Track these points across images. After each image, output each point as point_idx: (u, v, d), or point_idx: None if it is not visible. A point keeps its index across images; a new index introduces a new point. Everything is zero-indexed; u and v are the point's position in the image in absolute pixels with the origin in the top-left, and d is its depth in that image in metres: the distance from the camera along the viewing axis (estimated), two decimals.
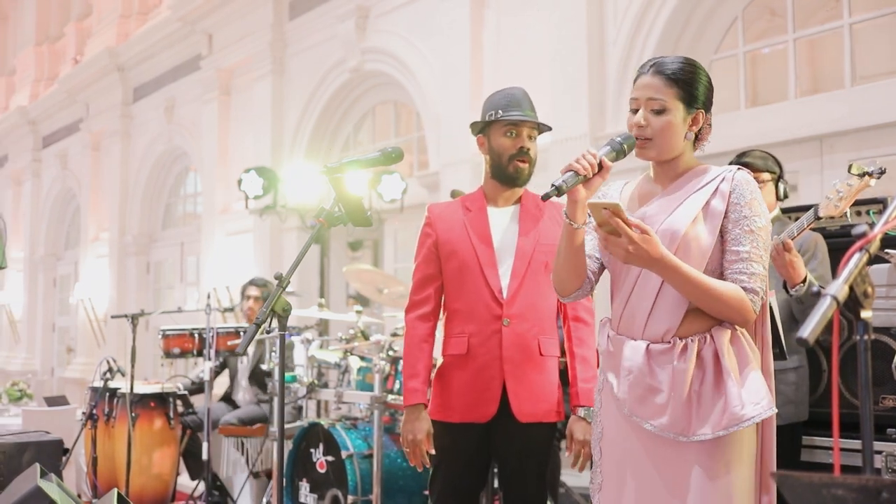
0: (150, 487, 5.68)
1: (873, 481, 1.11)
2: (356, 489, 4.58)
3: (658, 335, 2.27)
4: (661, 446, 2.26)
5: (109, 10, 13.32)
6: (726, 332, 2.24)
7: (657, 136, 2.29)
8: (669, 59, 2.35)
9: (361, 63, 8.54)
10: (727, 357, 2.21)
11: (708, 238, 2.25)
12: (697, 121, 2.33)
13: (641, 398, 2.28)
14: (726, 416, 2.17)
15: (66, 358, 14.61)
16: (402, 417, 3.24)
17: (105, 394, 5.75)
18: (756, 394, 2.20)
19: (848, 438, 3.21)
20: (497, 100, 3.31)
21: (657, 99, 2.28)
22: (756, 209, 2.24)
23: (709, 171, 2.34)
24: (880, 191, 3.46)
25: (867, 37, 5.44)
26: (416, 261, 3.30)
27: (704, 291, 2.20)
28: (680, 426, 2.21)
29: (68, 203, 15.45)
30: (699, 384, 2.22)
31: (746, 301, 2.22)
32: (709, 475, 2.19)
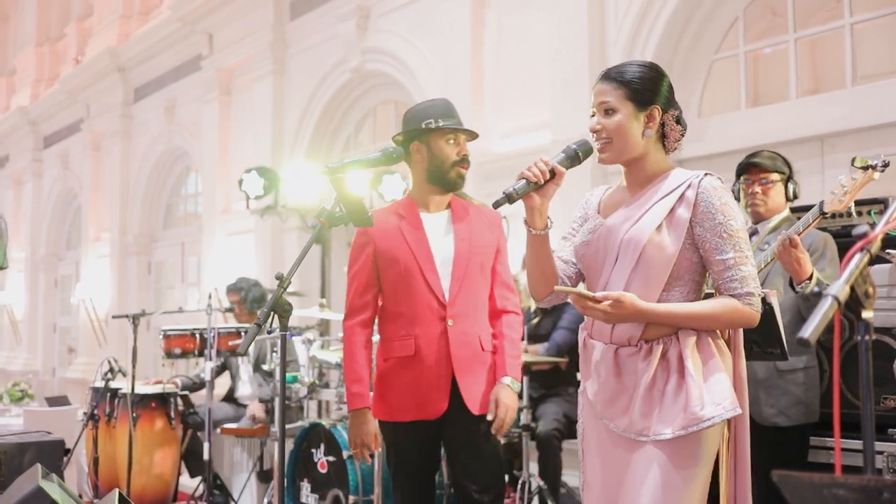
0: (151, 488, 5.68)
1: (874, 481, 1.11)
2: (357, 489, 4.58)
3: (624, 339, 2.32)
4: (624, 445, 2.30)
5: (110, 11, 13.32)
6: (693, 334, 2.27)
7: (612, 137, 2.33)
8: (621, 65, 2.40)
9: (362, 63, 8.54)
10: (690, 358, 2.24)
11: (672, 246, 2.27)
12: (653, 117, 2.34)
13: (610, 400, 2.33)
14: (686, 416, 2.20)
15: (68, 358, 14.61)
16: (349, 421, 3.33)
17: (106, 394, 5.75)
18: (718, 394, 2.22)
19: (849, 439, 3.21)
20: (429, 109, 3.37)
21: (606, 101, 2.33)
22: (729, 213, 2.26)
23: (674, 174, 2.36)
24: (881, 190, 3.47)
25: (868, 37, 5.43)
26: (351, 269, 3.37)
27: (697, 319, 2.26)
28: (640, 426, 2.26)
29: (69, 203, 15.45)
30: (663, 384, 2.26)
31: (743, 309, 2.26)
32: (664, 474, 2.21)
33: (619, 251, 2.32)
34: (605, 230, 2.37)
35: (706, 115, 6.07)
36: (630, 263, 2.29)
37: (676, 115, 2.40)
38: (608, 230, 2.36)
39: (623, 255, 2.31)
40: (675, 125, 2.39)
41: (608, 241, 2.36)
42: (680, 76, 6.08)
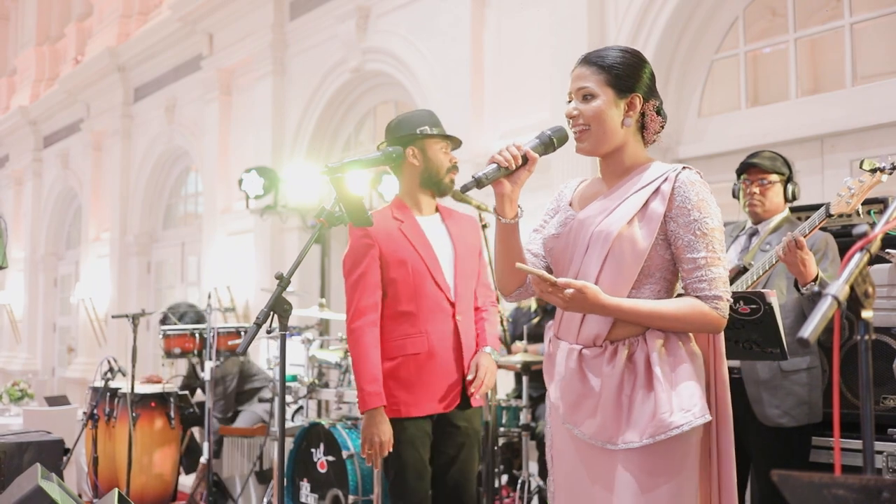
0: (150, 487, 5.68)
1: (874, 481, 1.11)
2: (357, 489, 4.58)
3: (590, 339, 2.21)
4: (592, 454, 2.19)
5: (110, 11, 13.33)
6: (661, 335, 2.16)
7: (591, 124, 2.22)
8: (602, 49, 2.29)
9: (362, 63, 8.54)
10: (659, 362, 2.13)
11: (644, 240, 2.16)
12: (634, 105, 2.24)
13: (574, 404, 2.21)
14: (654, 424, 2.09)
15: (67, 358, 14.61)
16: (364, 420, 3.33)
17: (106, 394, 5.76)
18: (687, 400, 2.10)
19: (849, 438, 3.21)
20: (420, 118, 3.48)
21: (584, 86, 2.23)
22: (706, 210, 2.15)
23: (652, 167, 2.26)
24: (881, 191, 3.46)
25: (868, 37, 5.43)
26: (355, 271, 3.39)
27: (660, 319, 2.14)
28: (607, 433, 2.14)
29: (69, 203, 15.45)
30: (630, 389, 2.14)
31: (709, 312, 2.15)
32: (638, 485, 2.09)
33: (590, 244, 2.21)
34: (576, 223, 2.27)
35: (706, 114, 6.07)
36: (600, 257, 2.18)
37: (657, 106, 2.29)
38: (580, 223, 2.26)
39: (593, 248, 2.20)
40: (656, 116, 2.29)
41: (579, 233, 2.25)
42: (680, 76, 6.09)
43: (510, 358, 4.91)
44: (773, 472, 1.20)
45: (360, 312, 3.37)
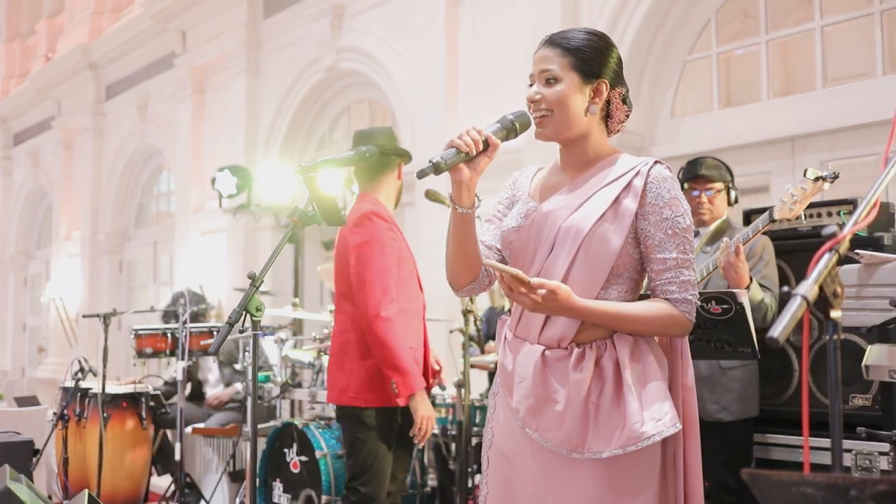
0: (121, 488, 5.63)
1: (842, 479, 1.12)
2: (330, 489, 4.56)
3: (554, 340, 2.09)
4: (553, 462, 2.07)
5: (81, 7, 13.21)
6: (629, 339, 2.06)
7: (554, 109, 2.09)
8: (569, 30, 2.15)
9: (336, 62, 8.52)
10: (628, 368, 2.03)
11: (616, 239, 2.05)
12: (600, 92, 2.12)
13: (535, 409, 2.08)
14: (624, 434, 1.98)
15: (37, 358, 14.47)
16: (417, 402, 3.47)
17: (76, 394, 5.70)
18: (658, 409, 2.01)
19: (818, 437, 3.24)
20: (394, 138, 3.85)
21: (548, 69, 2.09)
22: (678, 208, 2.06)
23: (620, 160, 2.15)
24: (850, 192, 3.50)
25: (839, 39, 5.49)
26: (385, 260, 3.49)
27: (629, 322, 2.04)
28: (574, 442, 2.03)
29: (40, 201, 15.30)
30: (597, 396, 2.03)
31: (678, 315, 2.06)
32: (605, 496, 2.01)
33: (557, 240, 2.08)
34: (540, 216, 2.13)
35: (679, 115, 6.10)
36: (569, 255, 2.06)
37: (623, 94, 2.18)
38: (544, 216, 2.12)
39: (560, 245, 2.08)
40: (622, 104, 2.18)
41: (543, 228, 2.12)
42: (653, 77, 6.12)
43: (483, 358, 4.92)
44: (742, 472, 1.21)
45: (391, 300, 3.45)
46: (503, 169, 6.07)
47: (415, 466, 4.86)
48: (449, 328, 5.75)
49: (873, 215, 1.57)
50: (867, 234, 3.44)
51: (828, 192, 3.53)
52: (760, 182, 5.67)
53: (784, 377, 3.74)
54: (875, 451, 3.32)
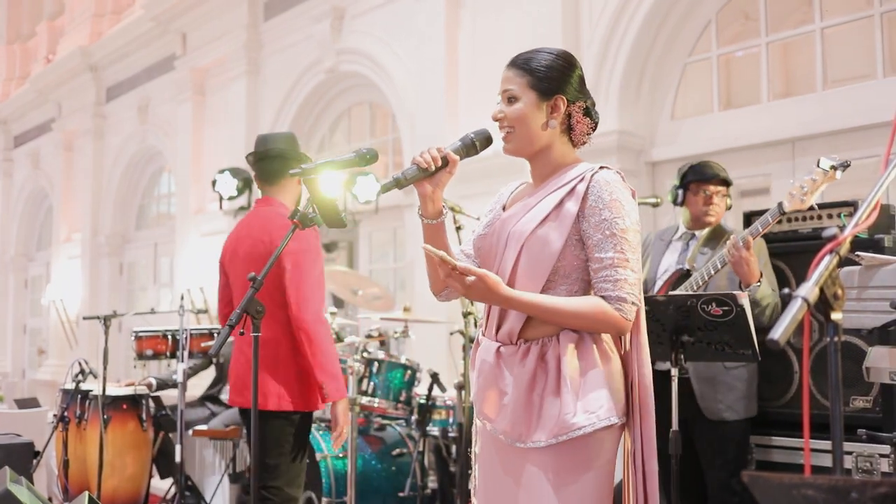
0: (122, 490, 5.63)
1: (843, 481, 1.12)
2: (330, 491, 4.56)
3: (506, 336, 2.22)
4: (506, 451, 2.21)
5: (82, 10, 13.21)
6: (574, 336, 2.17)
7: (515, 126, 2.25)
8: (529, 51, 2.32)
9: (337, 64, 8.52)
10: (568, 362, 2.13)
11: (557, 240, 2.16)
12: (557, 107, 2.24)
13: (488, 401, 2.23)
14: (558, 424, 2.11)
15: (38, 360, 14.47)
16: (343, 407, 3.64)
17: (77, 396, 5.69)
18: (593, 402, 2.12)
19: (818, 439, 3.24)
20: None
21: (508, 89, 2.27)
22: (617, 210, 2.14)
23: (575, 168, 2.26)
24: (851, 194, 3.50)
25: (839, 41, 5.49)
26: (315, 268, 3.65)
27: (558, 314, 2.14)
28: (518, 432, 2.16)
29: (40, 203, 15.30)
30: (542, 389, 2.15)
31: (611, 312, 2.13)
32: (546, 484, 2.12)
33: (506, 244, 2.23)
34: (500, 223, 2.29)
35: (679, 117, 6.10)
36: (513, 256, 2.19)
37: (585, 107, 2.28)
38: (502, 223, 2.28)
39: (508, 248, 2.21)
40: (583, 117, 2.28)
41: (501, 233, 2.26)
42: (653, 79, 6.12)
43: None
44: (742, 473, 1.21)
45: (321, 307, 3.55)
46: (502, 172, 6.09)
47: (415, 469, 4.86)
48: (449, 330, 5.75)
49: (874, 217, 1.57)
50: (868, 237, 3.45)
51: (828, 194, 3.53)
52: (761, 184, 5.67)
53: (785, 379, 3.74)
54: (876, 453, 3.32)
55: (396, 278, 8.45)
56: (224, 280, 3.87)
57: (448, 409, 4.96)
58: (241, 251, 3.74)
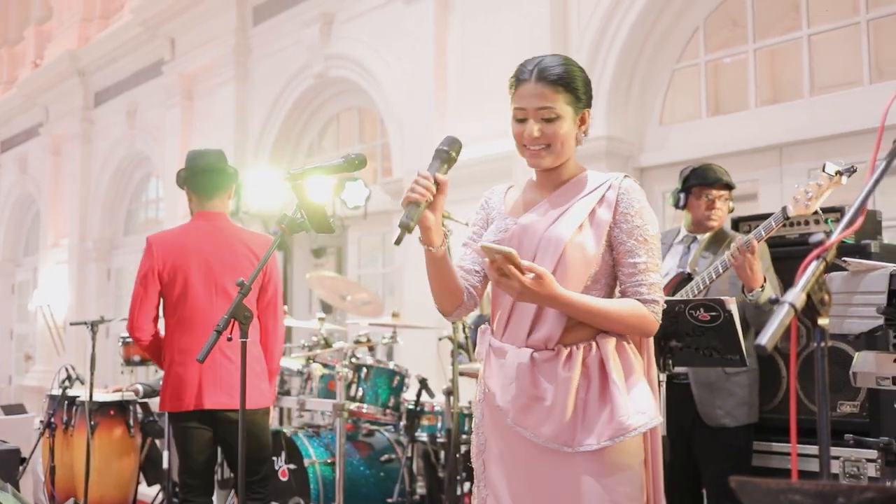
0: (109, 497, 5.59)
1: (830, 486, 1.12)
2: (319, 497, 4.55)
3: (541, 342, 2.21)
4: (546, 457, 2.20)
5: (70, 14, 13.18)
6: (611, 339, 2.20)
7: (553, 143, 2.21)
8: (548, 63, 2.22)
9: (325, 69, 8.52)
10: (613, 365, 2.17)
11: (593, 247, 2.20)
12: (585, 119, 2.26)
13: (525, 408, 2.21)
14: (612, 426, 2.13)
15: (25, 366, 14.39)
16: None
17: (63, 402, 5.65)
18: (642, 403, 2.17)
19: (806, 444, 3.25)
20: None
21: (547, 107, 2.19)
22: (646, 217, 2.21)
23: (592, 176, 2.29)
24: (837, 199, 3.51)
25: (826, 48, 5.52)
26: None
27: (603, 317, 2.18)
28: (564, 437, 2.16)
29: (27, 208, 15.24)
30: (585, 392, 2.17)
31: (647, 314, 2.20)
32: (597, 486, 2.14)
33: (538, 250, 2.22)
34: (519, 229, 2.27)
35: (667, 123, 6.12)
36: (550, 263, 2.17)
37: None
38: (523, 229, 2.26)
39: (542, 254, 2.20)
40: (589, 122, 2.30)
41: (523, 239, 2.24)
42: (642, 85, 6.13)
43: (472, 365, 4.91)
44: (731, 479, 1.21)
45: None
46: (496, 176, 6.09)
47: (404, 474, 4.85)
48: (438, 336, 5.74)
49: (860, 223, 1.58)
50: (854, 242, 3.46)
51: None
52: (748, 190, 5.69)
53: (772, 385, 3.75)
54: (863, 458, 3.33)
55: (385, 283, 8.44)
56: (155, 290, 3.77)
57: (436, 414, 4.95)
58: (223, 262, 3.79)
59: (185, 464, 3.77)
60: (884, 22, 5.23)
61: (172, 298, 3.76)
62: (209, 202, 3.91)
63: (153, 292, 3.76)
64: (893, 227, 4.79)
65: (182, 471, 3.79)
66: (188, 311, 3.73)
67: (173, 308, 3.77)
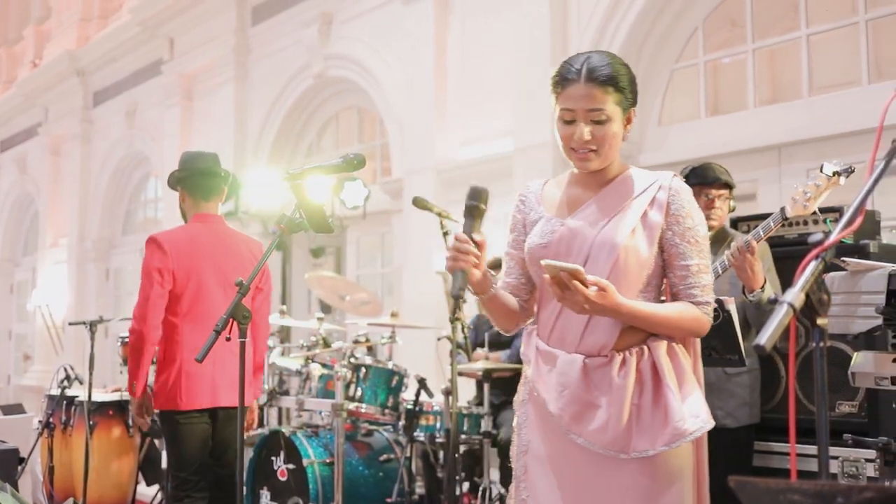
0: (107, 497, 5.59)
1: (828, 486, 1.12)
2: (318, 497, 4.55)
3: (594, 349, 2.18)
4: (599, 463, 2.17)
5: (69, 14, 13.17)
6: (662, 343, 2.18)
7: (602, 147, 2.15)
8: (596, 62, 2.15)
9: (325, 69, 8.52)
10: (666, 370, 2.15)
11: (646, 250, 2.16)
12: (631, 119, 2.22)
13: (579, 415, 2.18)
14: (668, 431, 2.11)
15: (23, 365, 14.39)
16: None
17: (62, 402, 5.66)
18: (695, 406, 2.15)
19: (804, 444, 3.25)
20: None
21: (598, 109, 2.13)
22: (697, 218, 2.19)
23: (638, 175, 2.25)
24: (836, 199, 3.51)
25: (825, 48, 5.52)
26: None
27: (662, 324, 2.16)
28: (620, 443, 2.14)
29: (26, 208, 15.23)
30: (638, 398, 2.15)
31: (701, 317, 2.18)
32: (652, 492, 2.13)
33: (590, 254, 2.16)
34: (567, 232, 2.20)
35: (666, 123, 6.12)
36: (606, 267, 2.14)
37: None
38: (572, 232, 2.20)
39: (595, 259, 2.16)
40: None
41: (572, 244, 2.19)
42: (641, 85, 6.06)
43: (471, 365, 4.91)
44: (729, 479, 1.21)
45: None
46: (496, 176, 6.09)
47: (402, 474, 4.85)
48: (437, 335, 5.74)
49: (859, 223, 1.58)
50: (853, 242, 3.45)
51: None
52: (747, 190, 5.69)
53: (771, 384, 3.75)
54: (862, 457, 3.33)
55: (384, 283, 8.44)
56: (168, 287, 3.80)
57: (435, 414, 4.94)
58: (231, 264, 3.86)
59: (187, 460, 3.79)
60: (883, 22, 5.24)
61: (185, 298, 3.79)
62: (206, 204, 3.98)
63: (166, 289, 3.79)
64: (892, 227, 4.79)
65: (180, 468, 3.80)
66: (203, 311, 3.77)
67: (187, 307, 3.79)
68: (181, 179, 4.01)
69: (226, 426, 3.84)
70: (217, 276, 3.83)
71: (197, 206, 3.98)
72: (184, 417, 3.77)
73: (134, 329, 3.73)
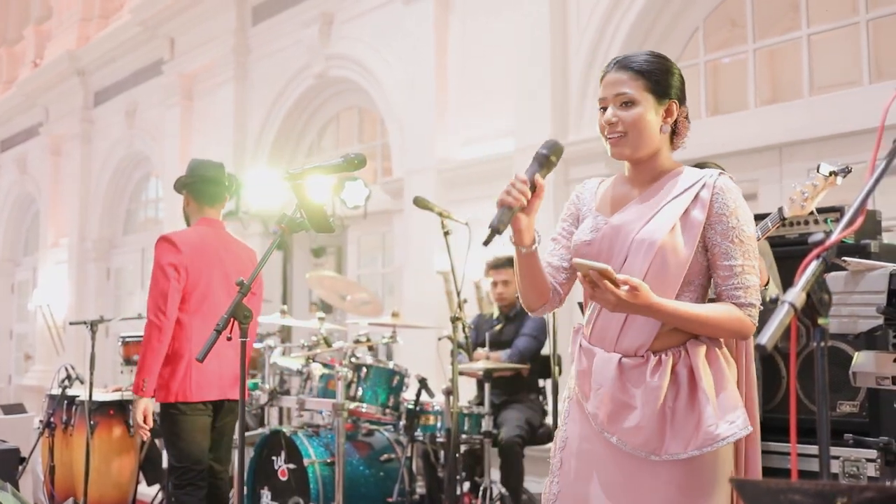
0: (108, 497, 5.58)
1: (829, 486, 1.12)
2: (318, 497, 4.55)
3: (631, 349, 2.17)
4: (631, 463, 2.17)
5: (69, 14, 13.18)
6: (702, 346, 2.15)
7: (630, 130, 2.17)
8: (635, 54, 2.24)
9: (325, 69, 8.52)
10: (703, 374, 2.12)
11: (686, 249, 2.14)
12: (671, 112, 2.23)
13: (613, 414, 2.17)
14: (700, 436, 2.08)
15: (24, 365, 14.39)
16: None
17: (63, 401, 5.65)
18: (731, 412, 2.11)
19: (805, 444, 3.25)
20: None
21: (625, 93, 2.18)
22: (742, 217, 2.15)
23: (686, 173, 2.24)
24: (837, 199, 3.52)
25: (825, 47, 5.52)
26: None
27: (700, 324, 2.13)
28: (652, 445, 2.13)
29: (27, 208, 15.24)
30: (673, 400, 2.13)
31: (744, 319, 2.14)
32: (683, 496, 2.11)
33: (630, 252, 2.17)
34: (610, 230, 2.21)
35: None
36: (643, 265, 2.13)
37: (686, 112, 2.30)
38: (615, 230, 2.20)
39: (634, 256, 2.16)
40: (685, 121, 2.29)
41: (615, 241, 2.20)
42: None
43: (472, 365, 4.91)
44: (730, 479, 1.21)
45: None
46: (496, 176, 6.08)
47: (403, 474, 4.85)
48: (437, 335, 5.74)
49: (860, 223, 1.58)
50: (854, 242, 3.45)
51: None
52: (748, 190, 5.68)
53: (772, 384, 3.75)
54: (863, 457, 3.32)
55: (385, 283, 8.44)
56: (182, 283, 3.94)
57: (436, 414, 4.94)
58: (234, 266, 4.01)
59: (191, 452, 3.88)
60: (883, 22, 5.24)
61: (194, 295, 3.92)
62: (210, 209, 4.17)
63: (181, 284, 3.91)
64: (893, 227, 4.79)
65: (182, 459, 3.89)
66: (210, 309, 3.89)
67: (195, 305, 3.92)
68: (187, 184, 4.19)
69: (224, 417, 4.01)
70: (221, 276, 3.98)
71: (201, 210, 4.16)
72: (190, 409, 3.88)
73: (151, 321, 3.80)
